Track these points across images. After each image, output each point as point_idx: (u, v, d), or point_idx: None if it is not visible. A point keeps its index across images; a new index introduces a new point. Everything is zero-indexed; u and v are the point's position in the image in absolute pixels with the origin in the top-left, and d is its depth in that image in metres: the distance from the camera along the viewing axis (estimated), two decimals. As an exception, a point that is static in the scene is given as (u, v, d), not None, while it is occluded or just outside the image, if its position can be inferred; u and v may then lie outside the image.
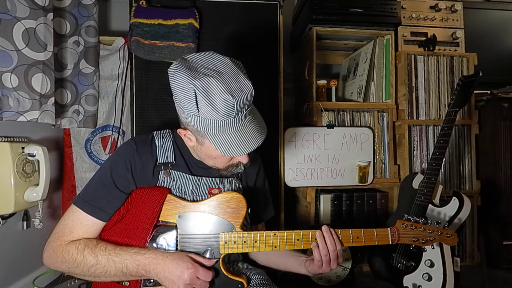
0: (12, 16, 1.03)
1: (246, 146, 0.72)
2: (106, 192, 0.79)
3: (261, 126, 0.76)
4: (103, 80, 1.54)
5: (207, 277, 0.73)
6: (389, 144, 1.57)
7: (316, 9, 1.52)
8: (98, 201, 0.78)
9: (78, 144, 1.55)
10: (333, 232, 0.82)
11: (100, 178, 0.81)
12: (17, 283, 1.23)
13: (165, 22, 1.30)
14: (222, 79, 0.67)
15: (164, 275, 0.72)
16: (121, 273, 0.73)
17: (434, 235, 0.87)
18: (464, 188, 1.60)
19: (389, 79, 1.58)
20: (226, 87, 0.67)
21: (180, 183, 0.84)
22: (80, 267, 0.73)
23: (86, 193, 0.80)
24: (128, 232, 0.78)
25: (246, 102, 0.70)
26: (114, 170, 0.81)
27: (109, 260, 0.73)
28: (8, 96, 1.05)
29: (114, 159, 0.83)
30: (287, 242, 0.83)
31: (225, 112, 0.67)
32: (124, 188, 0.80)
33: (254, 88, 0.73)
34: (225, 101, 0.66)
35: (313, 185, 1.50)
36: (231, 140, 0.71)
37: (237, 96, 0.67)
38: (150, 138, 0.86)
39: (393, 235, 0.87)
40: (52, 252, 0.75)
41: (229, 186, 0.90)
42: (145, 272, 0.73)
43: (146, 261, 0.72)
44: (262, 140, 0.74)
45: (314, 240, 0.82)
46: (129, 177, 0.81)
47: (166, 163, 0.83)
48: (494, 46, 1.90)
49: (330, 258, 0.80)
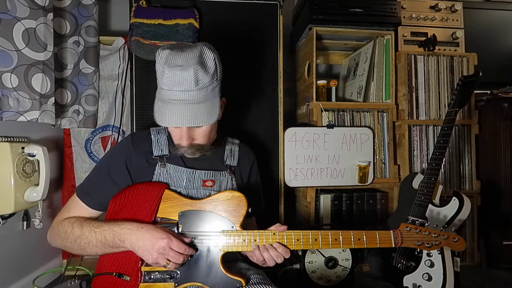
0: (12, 16, 1.04)
1: (167, 119, 0.78)
2: (99, 180, 0.87)
3: (192, 116, 0.78)
4: (103, 80, 1.54)
5: (180, 248, 0.75)
6: (389, 144, 1.57)
7: (316, 9, 1.52)
8: (90, 187, 0.86)
9: (78, 144, 1.55)
10: (277, 248, 0.81)
11: (97, 168, 0.90)
12: (17, 283, 1.23)
13: (165, 22, 1.30)
14: (174, 54, 0.77)
15: (137, 245, 0.75)
16: (100, 243, 0.77)
17: (440, 239, 0.86)
18: (464, 188, 1.60)
19: (389, 79, 1.58)
20: (171, 60, 0.76)
21: (175, 176, 0.88)
22: (69, 239, 0.79)
23: (84, 180, 0.89)
24: None
25: (181, 81, 0.76)
26: (110, 162, 0.89)
27: (91, 231, 0.78)
28: (8, 96, 1.05)
29: (112, 152, 0.92)
30: (286, 242, 0.83)
31: (161, 82, 0.78)
32: (117, 179, 0.86)
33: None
34: (162, 71, 0.77)
35: (313, 185, 1.50)
36: (158, 107, 0.80)
37: (173, 70, 0.75)
38: (147, 133, 0.93)
39: (396, 238, 0.86)
40: (51, 228, 0.85)
41: (222, 179, 0.93)
42: (120, 242, 0.76)
43: (121, 231, 0.76)
44: (183, 125, 0.78)
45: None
46: (124, 169, 0.87)
47: (161, 156, 0.89)
48: (494, 46, 1.90)
49: (266, 262, 0.82)
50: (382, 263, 1.27)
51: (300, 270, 1.27)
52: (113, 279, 0.78)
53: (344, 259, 1.29)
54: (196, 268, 0.81)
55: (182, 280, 0.80)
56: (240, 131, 1.36)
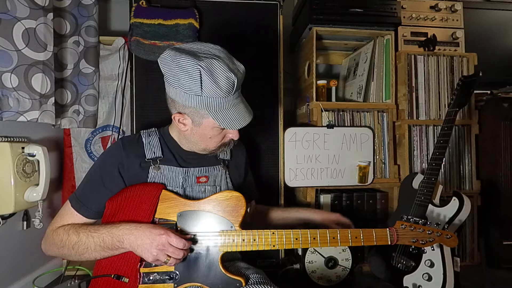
0: (12, 16, 1.04)
1: (242, 119, 0.81)
2: (93, 189, 0.85)
3: (248, 107, 0.86)
4: (103, 80, 1.54)
5: (179, 244, 0.75)
6: (389, 144, 1.57)
7: (316, 9, 1.52)
8: (85, 197, 0.84)
9: (78, 144, 1.55)
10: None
11: (89, 175, 0.88)
12: (17, 283, 1.23)
13: (165, 22, 1.30)
14: (223, 61, 0.76)
15: (137, 243, 0.74)
16: (99, 247, 0.76)
17: (433, 236, 0.87)
18: (464, 188, 1.59)
19: (389, 79, 1.58)
20: (228, 67, 0.76)
21: (170, 176, 0.87)
22: (66, 247, 0.78)
23: (78, 189, 0.87)
24: None
25: (241, 81, 0.81)
26: (102, 168, 0.87)
27: (88, 236, 0.77)
28: (8, 96, 1.05)
29: (103, 158, 0.90)
30: (285, 241, 0.83)
31: (227, 89, 0.76)
32: (111, 186, 0.84)
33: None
34: (227, 79, 0.75)
35: (313, 185, 1.50)
36: (231, 115, 0.80)
37: (236, 74, 0.76)
38: (137, 136, 0.92)
39: (392, 236, 0.87)
40: (45, 238, 0.83)
41: (216, 174, 0.94)
42: (119, 243, 0.75)
43: (119, 232, 0.75)
44: (251, 118, 0.84)
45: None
46: (117, 175, 0.85)
47: (154, 158, 0.88)
48: (494, 46, 1.90)
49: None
50: (382, 263, 1.27)
51: (300, 270, 1.27)
52: (112, 281, 0.78)
53: (344, 259, 1.29)
54: (196, 268, 0.81)
55: (182, 281, 0.80)
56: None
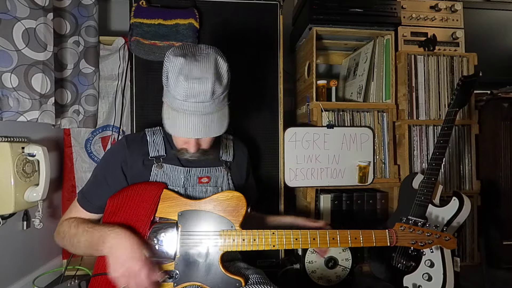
0: (12, 16, 1.04)
1: (181, 131, 0.76)
2: (97, 186, 0.87)
3: (205, 127, 0.77)
4: (103, 80, 1.54)
5: (145, 282, 0.70)
6: (389, 144, 1.57)
7: (316, 9, 1.52)
8: (89, 194, 0.87)
9: (78, 144, 1.55)
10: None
11: (95, 172, 0.91)
12: (17, 283, 1.23)
13: (165, 22, 1.30)
14: (190, 64, 0.73)
15: (114, 251, 0.72)
16: (88, 243, 0.76)
17: (432, 238, 0.87)
18: (464, 188, 1.59)
19: (389, 79, 1.58)
20: (187, 71, 0.72)
21: (172, 176, 0.88)
22: (66, 237, 0.81)
23: (85, 184, 0.91)
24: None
25: (198, 93, 0.73)
26: (106, 166, 0.89)
27: (84, 231, 0.78)
28: (8, 96, 1.05)
29: (107, 156, 0.93)
30: (285, 241, 0.83)
31: (174, 91, 0.74)
32: (114, 183, 0.86)
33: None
34: (177, 81, 0.73)
35: (313, 185, 1.50)
36: (171, 116, 0.77)
37: (190, 83, 0.72)
38: (142, 134, 0.93)
39: (391, 237, 0.87)
40: (56, 228, 0.86)
41: (218, 175, 0.94)
42: (102, 244, 0.73)
43: (108, 232, 0.74)
44: (197, 136, 0.78)
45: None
46: (120, 172, 0.87)
47: (157, 157, 0.88)
48: (494, 46, 1.90)
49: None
50: (382, 263, 1.27)
51: (300, 270, 1.28)
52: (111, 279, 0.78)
53: (344, 259, 1.29)
54: (196, 267, 0.81)
55: (181, 280, 0.80)
56: (240, 131, 1.36)
